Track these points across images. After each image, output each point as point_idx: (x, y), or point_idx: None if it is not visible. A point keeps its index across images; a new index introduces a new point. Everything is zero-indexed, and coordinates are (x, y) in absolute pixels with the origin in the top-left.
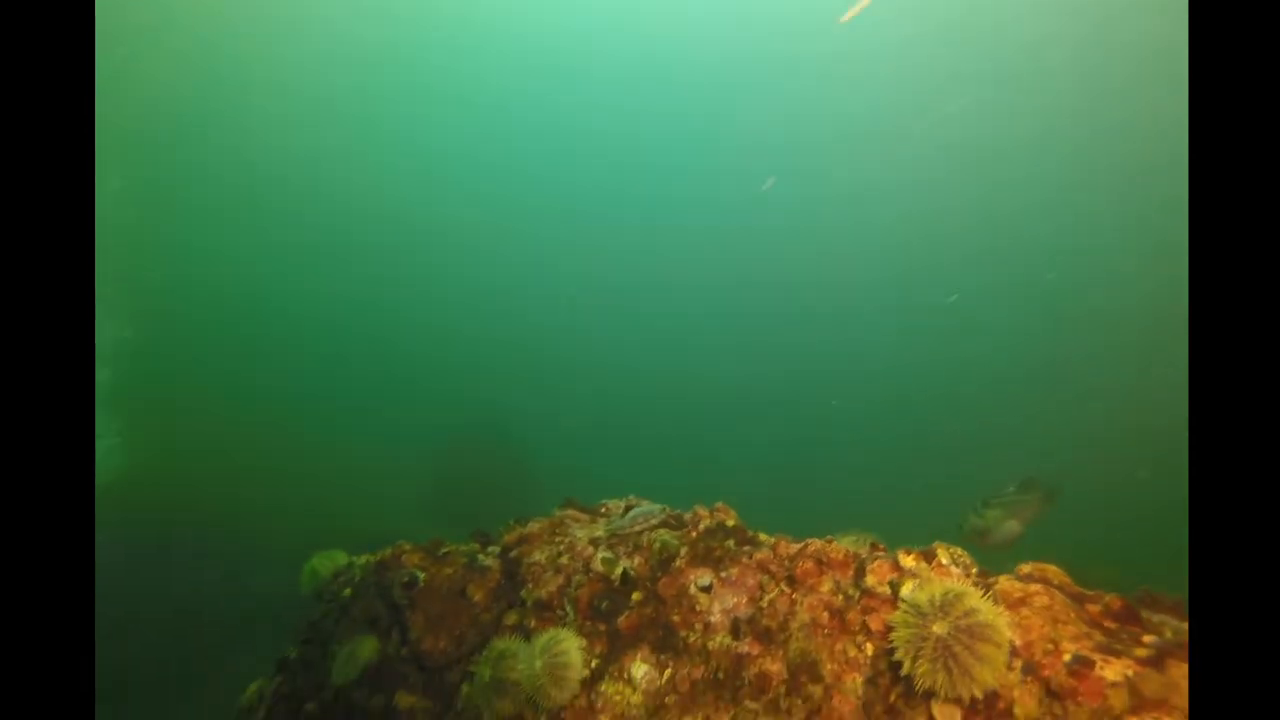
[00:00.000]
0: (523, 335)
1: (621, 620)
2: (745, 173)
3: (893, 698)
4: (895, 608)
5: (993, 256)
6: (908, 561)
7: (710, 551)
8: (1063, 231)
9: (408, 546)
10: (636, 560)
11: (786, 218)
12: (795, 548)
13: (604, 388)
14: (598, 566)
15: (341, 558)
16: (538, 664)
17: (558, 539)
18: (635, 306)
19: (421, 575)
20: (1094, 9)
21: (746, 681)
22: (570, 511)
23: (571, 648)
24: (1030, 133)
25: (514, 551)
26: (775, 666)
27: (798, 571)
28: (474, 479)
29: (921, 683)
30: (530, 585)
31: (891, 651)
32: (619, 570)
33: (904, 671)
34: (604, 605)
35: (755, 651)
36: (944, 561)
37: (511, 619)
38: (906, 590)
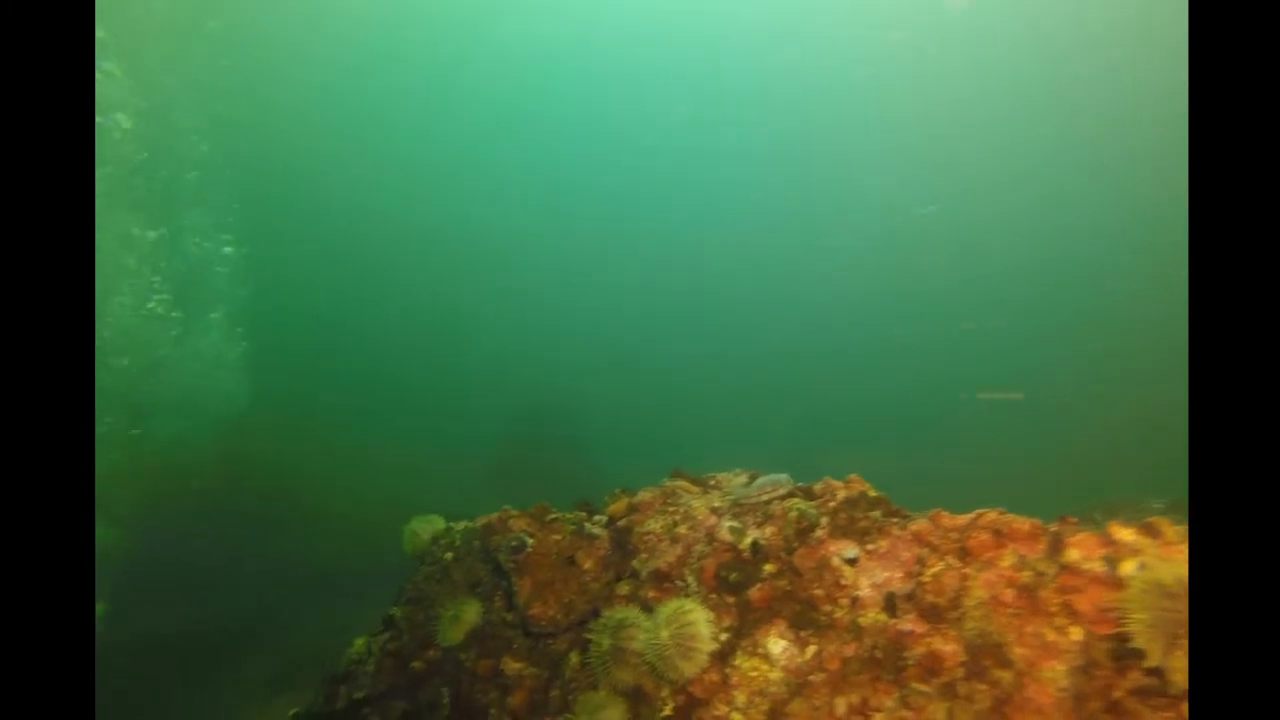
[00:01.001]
0: (582, 324)
1: (753, 593)
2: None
3: (1118, 693)
4: (1113, 587)
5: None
6: (1124, 535)
7: (853, 523)
8: None
9: (514, 512)
10: (768, 531)
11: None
12: (963, 519)
13: (661, 369)
14: (724, 536)
15: (439, 522)
16: (663, 634)
17: (671, 509)
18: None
19: (530, 540)
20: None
21: (912, 661)
22: (680, 482)
23: (699, 619)
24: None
25: (622, 521)
26: (949, 647)
27: (970, 544)
28: (534, 460)
29: (1179, 678)
30: (644, 555)
31: (1113, 638)
32: (748, 540)
33: (1152, 662)
34: (733, 577)
35: (920, 630)
36: (1171, 538)
37: (624, 589)
38: (1129, 568)
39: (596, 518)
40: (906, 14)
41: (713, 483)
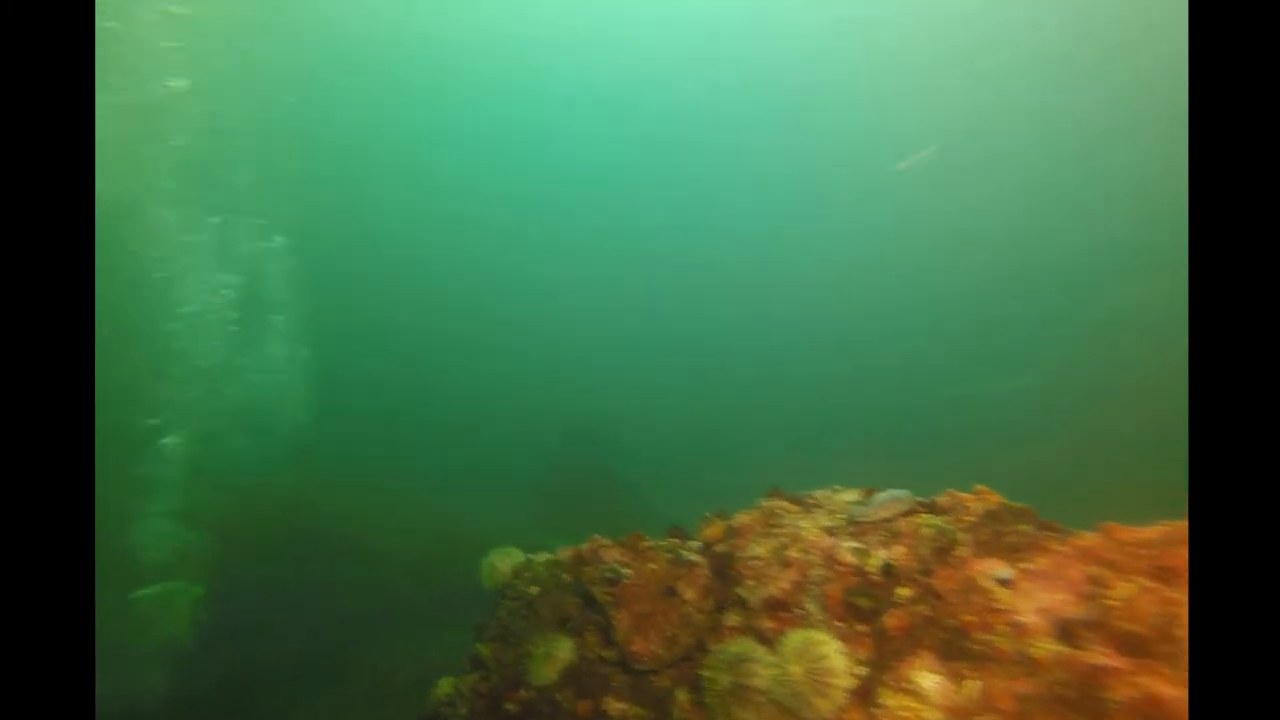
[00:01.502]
0: (624, 348)
1: (888, 620)
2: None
3: None
4: None
5: None
6: None
7: (999, 538)
8: None
9: (605, 541)
10: (897, 551)
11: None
12: (1150, 532)
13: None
14: (846, 558)
15: (518, 555)
16: (794, 669)
17: (776, 531)
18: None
19: (625, 571)
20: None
21: (1119, 704)
22: (778, 502)
23: (832, 651)
24: None
25: (720, 546)
26: (1170, 690)
27: (1170, 562)
28: (580, 487)
29: None
30: (751, 582)
31: None
32: (876, 562)
33: None
34: (862, 603)
35: (1121, 665)
36: None
37: (733, 619)
38: None
39: (691, 544)
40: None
41: (811, 501)
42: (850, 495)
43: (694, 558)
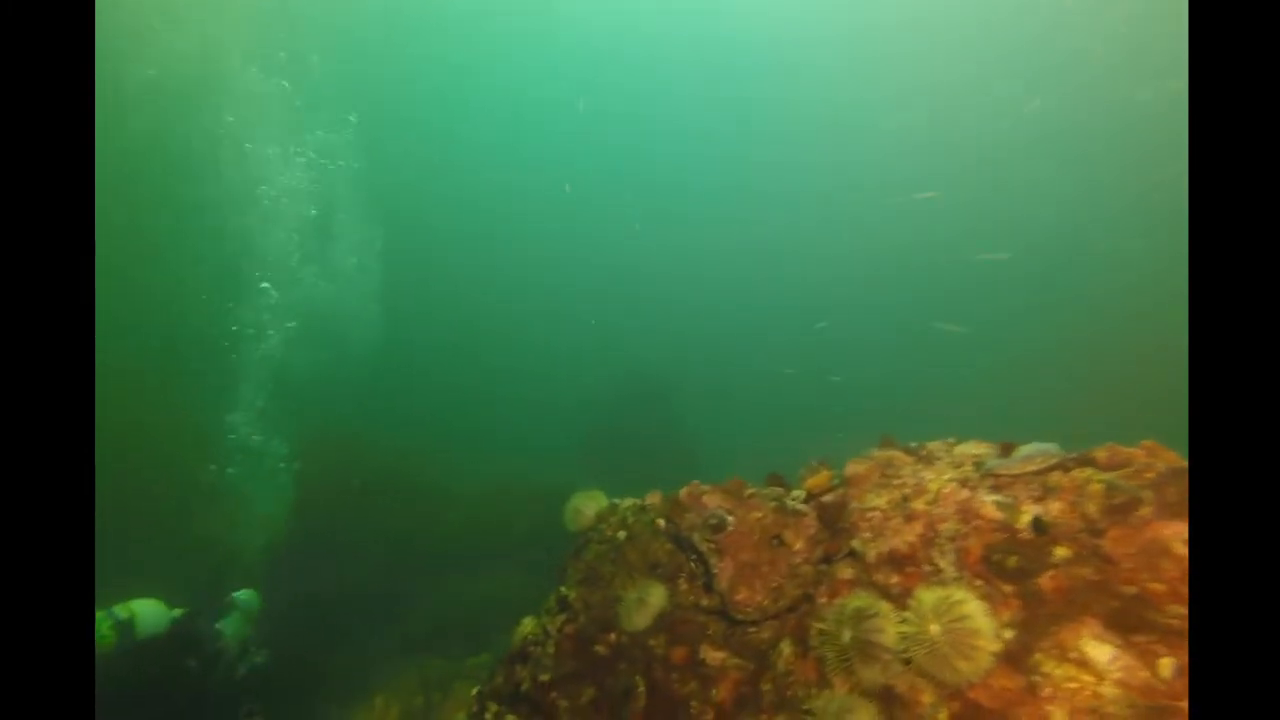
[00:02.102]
0: (677, 306)
1: (1043, 582)
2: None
3: None
4: None
5: None
6: None
7: (1187, 500)
8: None
9: (705, 487)
10: (1053, 507)
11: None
12: None
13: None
14: (989, 512)
15: (602, 499)
16: (933, 628)
17: (896, 481)
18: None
19: (730, 518)
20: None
21: None
22: (893, 452)
23: (976, 610)
24: None
25: (828, 496)
26: None
27: None
28: (630, 438)
29: None
30: (867, 534)
31: None
32: (1025, 518)
33: None
34: (1011, 562)
35: None
36: None
37: (846, 573)
38: None
39: (795, 493)
40: None
41: (925, 453)
42: (973, 448)
43: (800, 507)
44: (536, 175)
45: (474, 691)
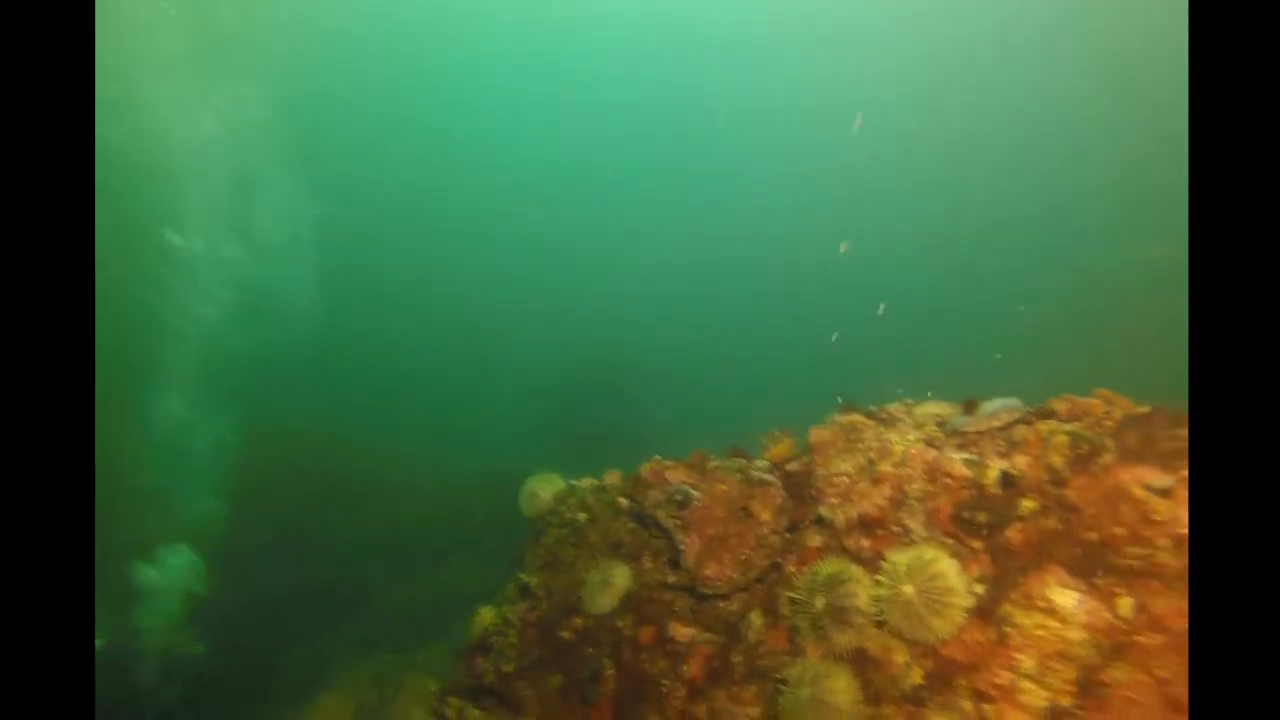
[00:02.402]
0: (625, 284)
1: (1011, 534)
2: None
3: None
4: None
5: None
6: None
7: (1151, 444)
8: None
9: (667, 462)
10: (1019, 461)
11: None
12: None
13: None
14: (957, 470)
15: (559, 481)
16: (907, 589)
17: (860, 446)
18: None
19: (695, 493)
20: None
21: None
22: (855, 417)
23: (949, 569)
24: None
25: (793, 465)
26: None
27: None
28: (588, 416)
29: None
30: (834, 500)
31: None
32: (993, 474)
33: None
34: (980, 518)
35: None
36: None
37: (814, 540)
38: None
39: (758, 463)
40: None
41: (885, 416)
42: (933, 408)
43: (766, 477)
44: (491, 158)
45: (433, 689)
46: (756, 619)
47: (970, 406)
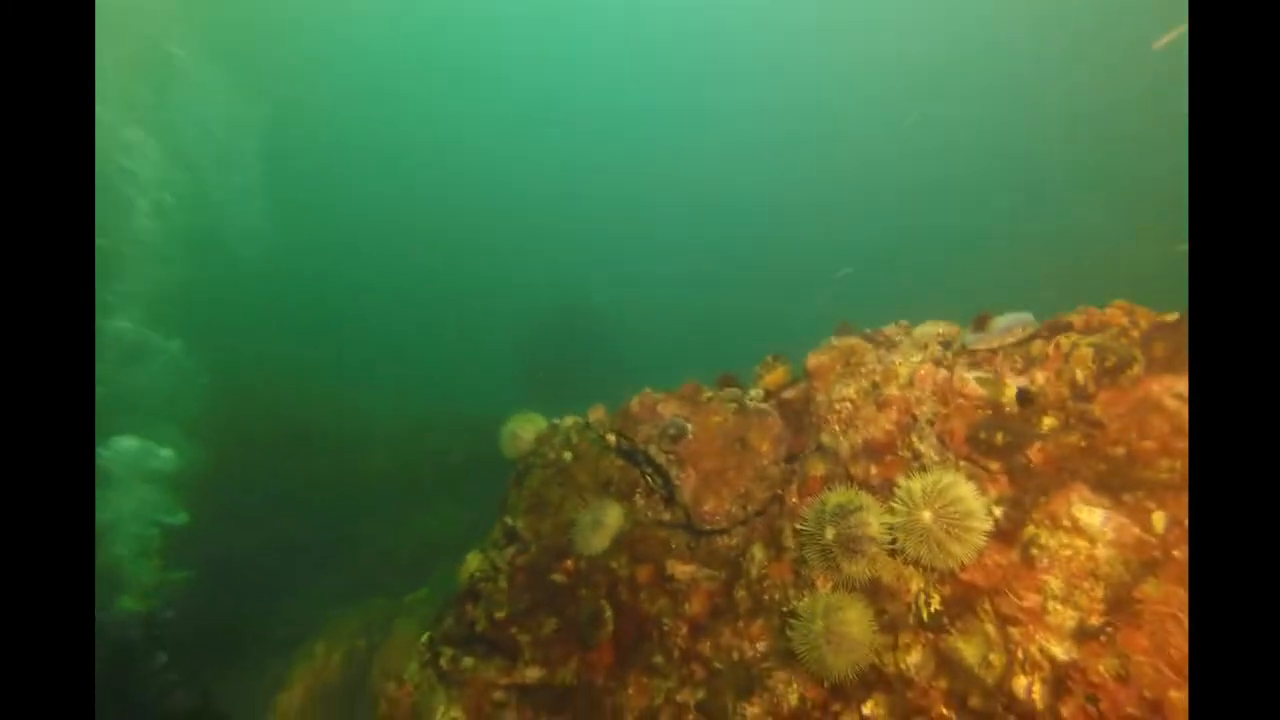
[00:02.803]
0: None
1: (1032, 454)
2: None
3: None
4: None
5: None
6: None
7: (1181, 353)
8: None
9: (657, 394)
10: (1037, 377)
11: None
12: None
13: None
14: (971, 390)
15: (540, 421)
16: (924, 515)
17: (862, 369)
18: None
19: (689, 426)
20: None
21: None
22: (853, 340)
23: (967, 493)
24: None
25: (789, 392)
26: None
27: None
28: (562, 358)
29: None
30: (837, 427)
31: None
32: (1010, 392)
33: None
34: (999, 438)
35: None
36: None
37: (817, 469)
38: None
39: (752, 392)
40: None
41: (881, 338)
42: (934, 327)
43: (762, 406)
44: (466, 93)
45: (424, 638)
46: (759, 553)
47: (980, 323)
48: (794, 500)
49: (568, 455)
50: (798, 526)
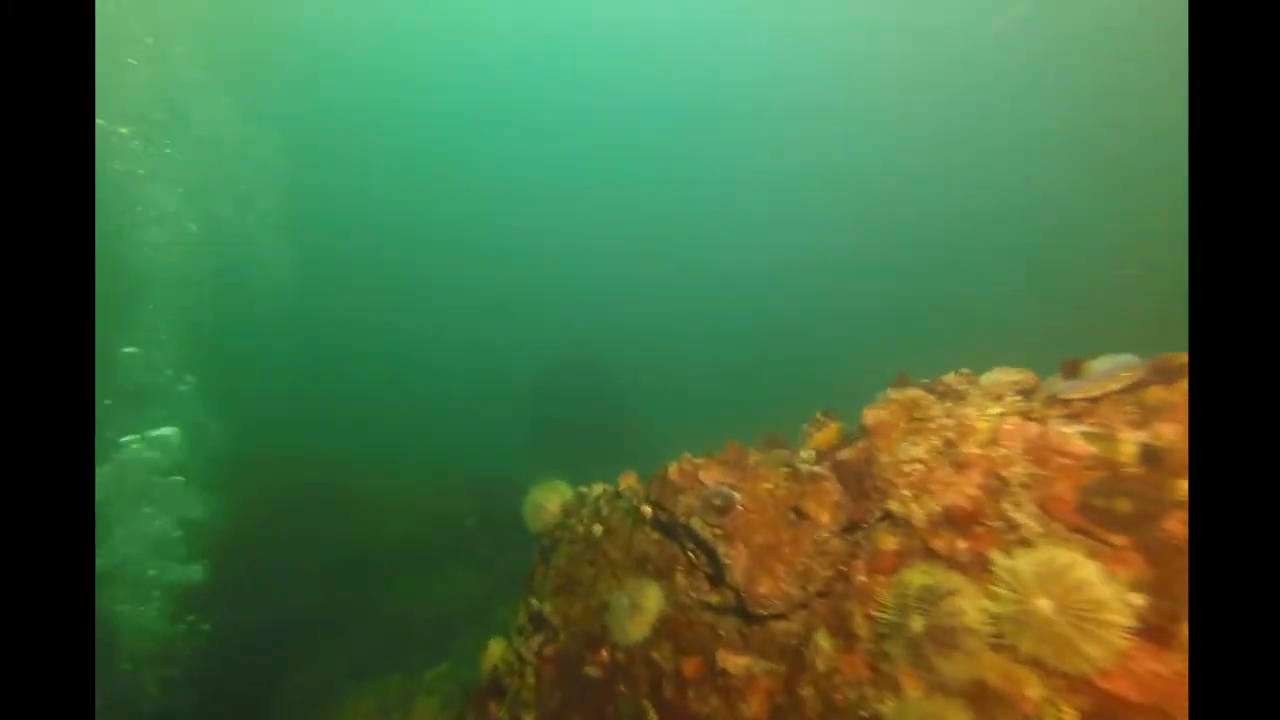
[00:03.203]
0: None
1: (1172, 526)
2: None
3: None
4: None
5: None
6: None
7: None
8: None
9: (696, 459)
10: (1164, 430)
11: None
12: None
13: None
14: (1077, 447)
15: (565, 490)
16: (1041, 604)
17: (930, 424)
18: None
19: (737, 495)
20: None
21: None
22: (913, 392)
23: (1092, 575)
24: None
25: (845, 452)
26: None
27: None
28: (576, 416)
29: None
30: (906, 492)
31: None
32: (1129, 448)
33: None
34: (1119, 505)
35: None
36: None
37: (889, 542)
38: None
39: (804, 454)
40: None
41: (942, 388)
42: (1005, 375)
43: (817, 470)
44: (477, 157)
45: None
46: (824, 642)
47: (1072, 368)
48: (862, 579)
49: (598, 529)
50: (875, 614)
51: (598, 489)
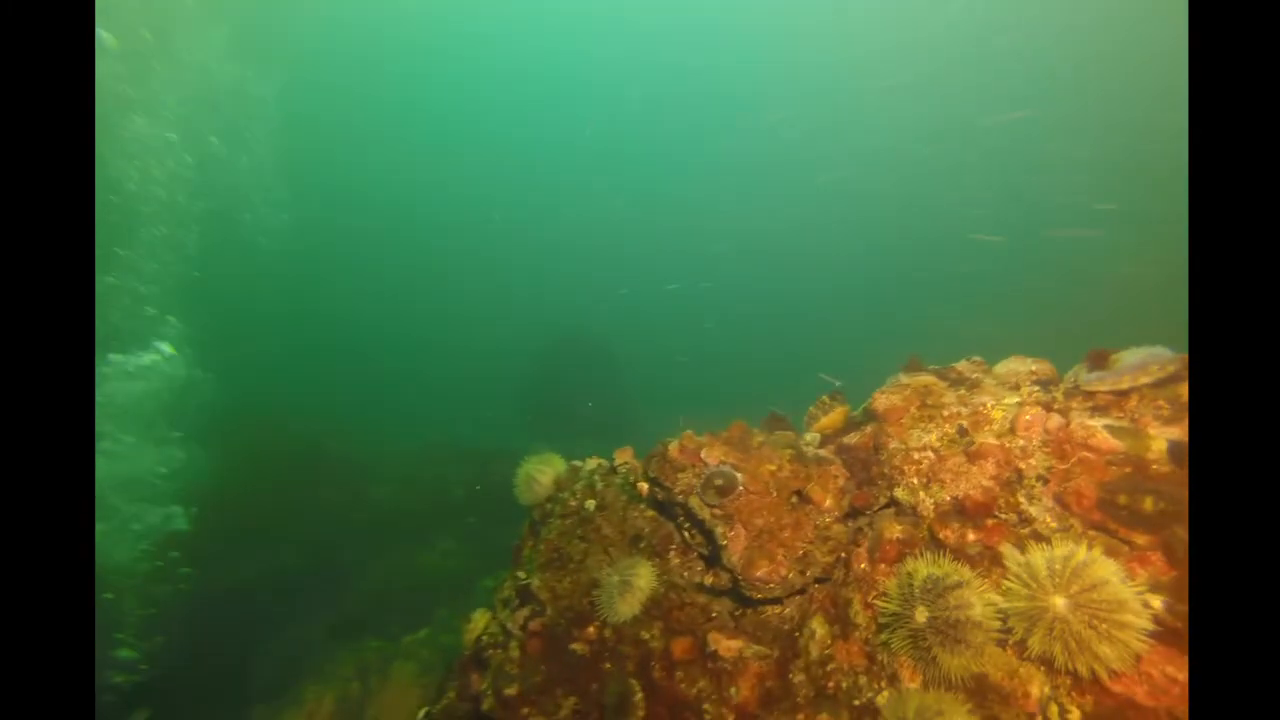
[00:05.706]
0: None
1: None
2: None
3: None
4: None
5: None
6: None
7: None
8: None
9: (698, 437)
10: None
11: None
12: None
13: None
14: (1102, 441)
15: (559, 463)
16: (1057, 601)
17: (943, 412)
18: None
19: (739, 476)
20: None
21: None
22: (926, 377)
23: (1111, 575)
24: None
25: (851, 437)
26: None
27: None
28: (570, 393)
29: None
30: (915, 480)
31: None
32: (1157, 444)
33: None
34: (1146, 504)
35: None
36: None
37: (894, 530)
38: None
39: (809, 437)
40: None
41: (954, 376)
42: (1020, 364)
43: (823, 454)
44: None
45: (420, 714)
46: (819, 628)
47: (1099, 359)
48: (864, 566)
49: (591, 504)
50: (877, 603)
51: (592, 463)
